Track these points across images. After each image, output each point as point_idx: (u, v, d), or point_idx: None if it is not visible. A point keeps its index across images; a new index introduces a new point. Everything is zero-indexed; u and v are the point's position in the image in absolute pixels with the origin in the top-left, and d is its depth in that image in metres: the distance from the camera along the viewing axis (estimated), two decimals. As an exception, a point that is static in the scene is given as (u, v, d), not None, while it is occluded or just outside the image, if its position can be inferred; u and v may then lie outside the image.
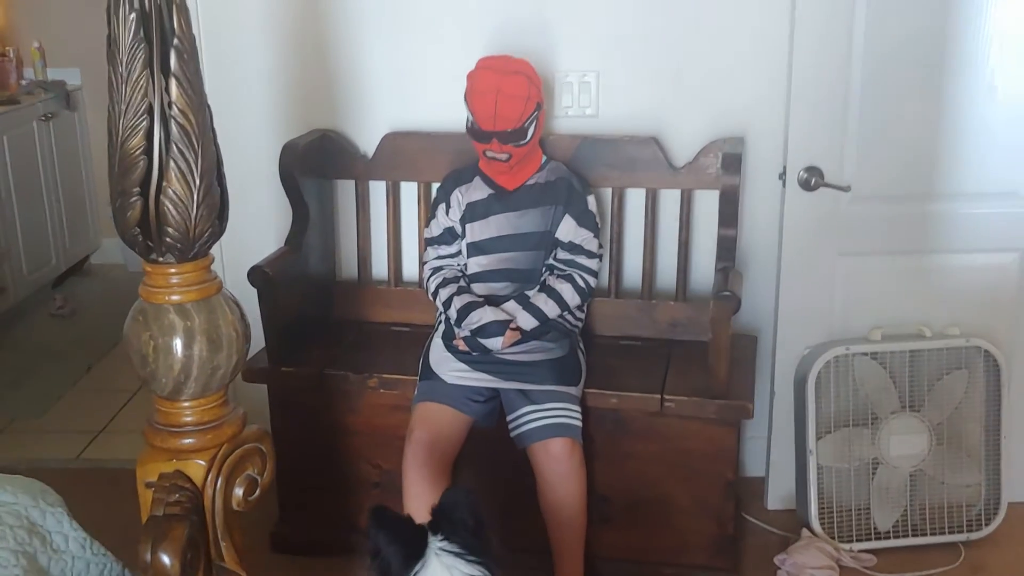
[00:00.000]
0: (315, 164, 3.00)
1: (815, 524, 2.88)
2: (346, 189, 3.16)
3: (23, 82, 5.37)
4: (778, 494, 3.11)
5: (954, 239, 2.91)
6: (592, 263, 2.72)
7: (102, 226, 5.69)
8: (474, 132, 2.60)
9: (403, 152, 3.03)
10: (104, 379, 4.31)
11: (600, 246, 2.76)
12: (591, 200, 2.75)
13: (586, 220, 2.72)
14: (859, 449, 2.89)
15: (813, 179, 2.83)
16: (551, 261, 2.72)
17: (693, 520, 2.69)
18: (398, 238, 3.13)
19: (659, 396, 2.61)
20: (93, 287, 5.51)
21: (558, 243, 2.71)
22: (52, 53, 5.43)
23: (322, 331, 3.03)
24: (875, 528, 2.91)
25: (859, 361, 2.86)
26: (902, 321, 2.92)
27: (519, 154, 2.61)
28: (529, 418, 2.55)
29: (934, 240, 2.91)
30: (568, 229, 2.69)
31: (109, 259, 5.75)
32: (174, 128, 1.53)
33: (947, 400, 2.89)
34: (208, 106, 1.59)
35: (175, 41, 1.51)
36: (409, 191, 3.10)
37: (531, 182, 2.71)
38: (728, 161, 2.75)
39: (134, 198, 1.55)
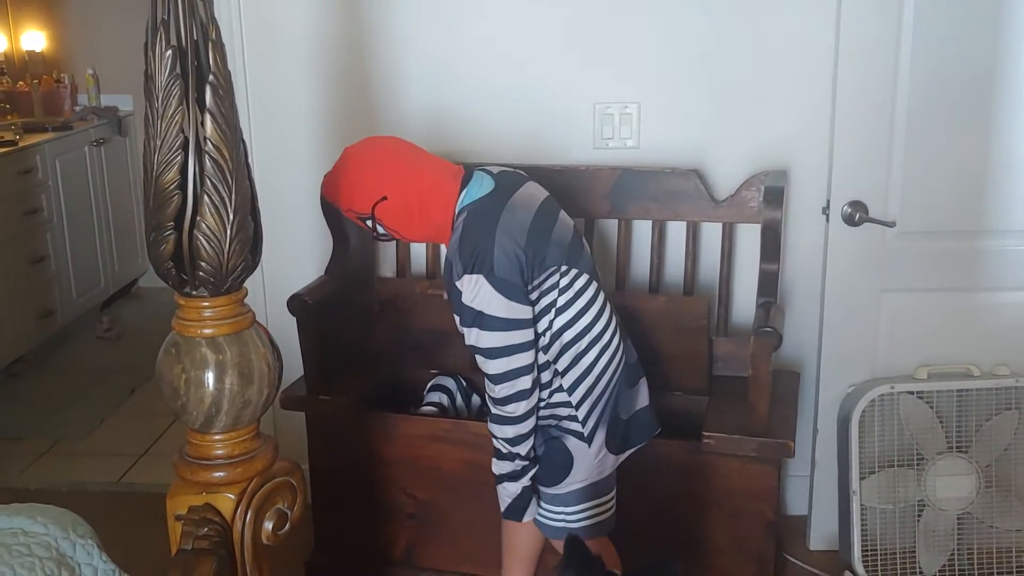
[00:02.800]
0: (356, 194, 3.00)
1: (858, 567, 2.81)
2: (387, 219, 3.17)
3: (76, 108, 5.48)
4: (820, 534, 3.05)
5: (1003, 276, 2.84)
6: (491, 374, 2.20)
7: (150, 250, 5.78)
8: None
9: (443, 182, 3.02)
10: (147, 403, 4.35)
11: (508, 349, 2.17)
12: (467, 284, 2.15)
13: (466, 317, 2.17)
14: (904, 490, 2.82)
15: (857, 214, 2.78)
16: None
17: (732, 560, 2.64)
18: (437, 268, 3.13)
19: (698, 433, 2.57)
20: (140, 310, 5.58)
21: None
22: (105, 79, 5.55)
23: (360, 360, 3.03)
24: (921, 572, 2.83)
25: (904, 400, 2.80)
26: (949, 360, 2.85)
27: (398, 235, 2.33)
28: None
29: (982, 277, 2.85)
30: (459, 326, 2.23)
31: (157, 283, 5.68)
32: (208, 163, 1.54)
33: (996, 441, 2.82)
34: (243, 141, 1.60)
35: (211, 77, 1.52)
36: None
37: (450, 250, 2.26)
38: (770, 195, 2.71)
39: (168, 232, 1.57)
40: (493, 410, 2.25)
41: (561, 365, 2.24)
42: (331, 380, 2.85)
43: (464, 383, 2.92)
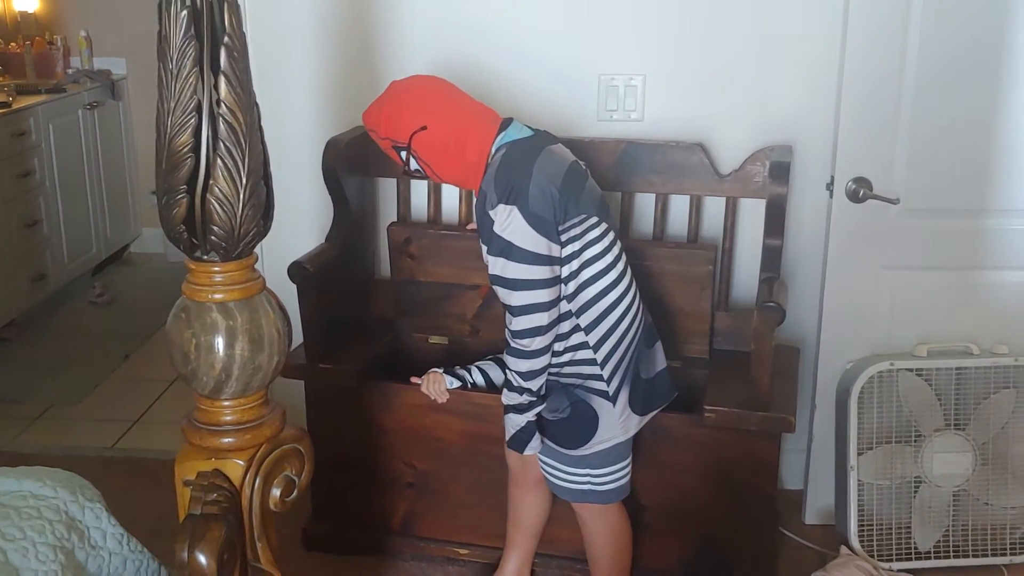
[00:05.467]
0: (358, 161, 2.99)
1: (854, 541, 2.83)
2: (388, 187, 3.15)
3: (69, 71, 5.42)
4: (816, 509, 3.07)
5: (1005, 255, 2.85)
6: (512, 306, 2.24)
7: (143, 215, 5.75)
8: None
9: (446, 152, 3.00)
10: (141, 368, 4.34)
11: (531, 283, 2.20)
12: (500, 213, 2.21)
13: (495, 245, 2.22)
14: (901, 467, 2.83)
15: (861, 190, 2.78)
16: None
17: (731, 533, 2.65)
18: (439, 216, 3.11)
19: (699, 407, 2.57)
20: (132, 276, 5.55)
21: None
22: (99, 42, 5.48)
23: (360, 329, 3.02)
24: (916, 548, 2.85)
25: (903, 377, 2.81)
26: (949, 337, 2.86)
27: (431, 172, 2.37)
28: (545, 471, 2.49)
29: (984, 256, 2.85)
30: (485, 255, 2.29)
31: (149, 248, 5.80)
32: (222, 126, 1.52)
33: (993, 419, 2.83)
34: (256, 105, 1.58)
35: (225, 39, 1.50)
36: (451, 190, 3.08)
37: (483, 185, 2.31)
38: (776, 170, 2.71)
39: (180, 195, 1.55)
40: (510, 342, 2.29)
41: (585, 321, 2.28)
42: (331, 348, 2.84)
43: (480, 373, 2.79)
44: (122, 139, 5.56)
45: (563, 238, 2.23)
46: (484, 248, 2.28)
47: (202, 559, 1.57)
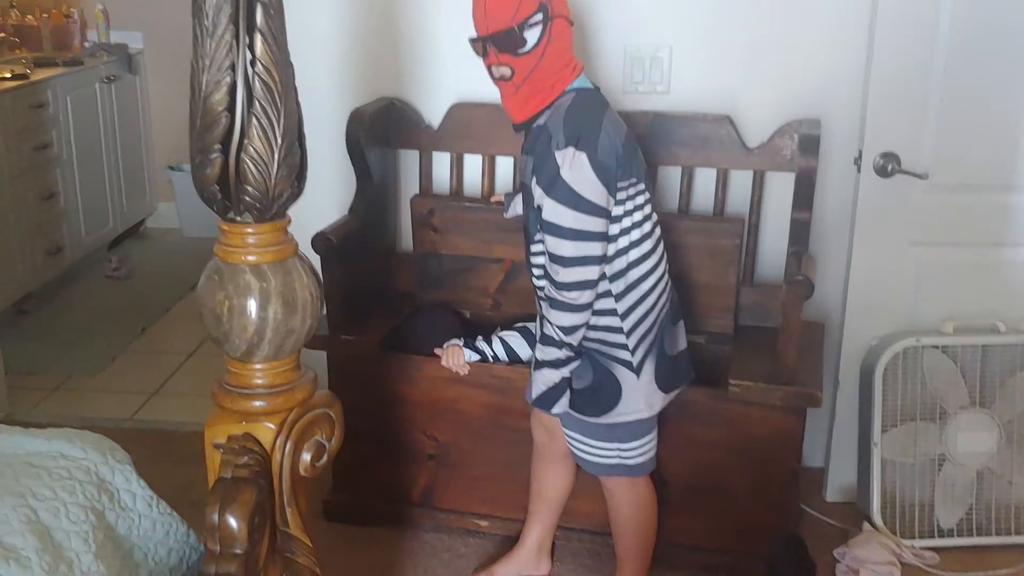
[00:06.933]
0: (380, 133, 2.97)
1: (877, 518, 2.81)
2: (410, 159, 3.13)
3: (86, 44, 5.39)
4: (837, 486, 3.05)
5: (1034, 232, 2.82)
6: (563, 256, 2.18)
7: (159, 190, 5.74)
8: (473, 44, 2.26)
9: (469, 123, 2.98)
10: (158, 341, 4.34)
11: (585, 234, 2.16)
12: (568, 156, 2.13)
13: (557, 189, 2.15)
14: (925, 444, 2.82)
15: (890, 165, 2.75)
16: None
17: (754, 508, 2.64)
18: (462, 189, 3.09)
19: (725, 381, 2.56)
20: (148, 250, 5.54)
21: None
22: (115, 16, 5.46)
23: (382, 301, 3.01)
24: (938, 526, 2.84)
25: (929, 354, 2.79)
26: (975, 314, 2.84)
27: (523, 70, 2.19)
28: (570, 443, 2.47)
29: (1013, 233, 2.83)
30: (540, 197, 2.21)
31: (164, 223, 5.78)
32: (257, 85, 1.50)
33: (1019, 398, 2.81)
34: (291, 64, 1.56)
35: (262, -5, 1.48)
36: (473, 163, 3.06)
37: (541, 121, 2.23)
38: (806, 143, 2.67)
39: (214, 155, 1.53)
40: (555, 295, 2.22)
41: (617, 289, 2.25)
42: (353, 320, 2.83)
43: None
44: (139, 113, 5.53)
45: (619, 196, 2.20)
46: (536, 187, 2.19)
47: (233, 522, 1.56)
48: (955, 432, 2.81)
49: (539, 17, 2.18)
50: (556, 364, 2.28)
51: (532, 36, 2.18)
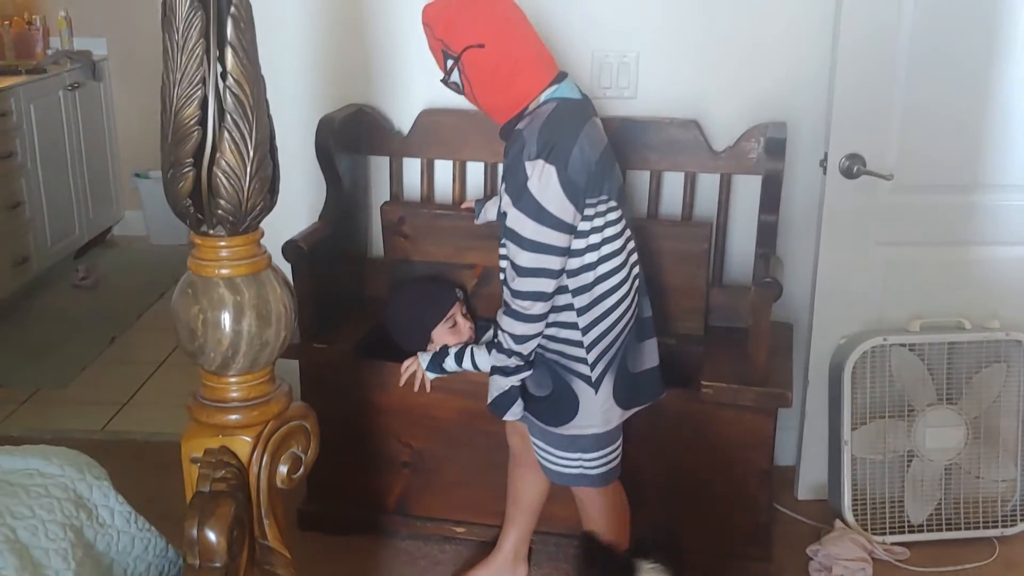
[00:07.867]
0: (350, 139, 2.97)
1: (848, 515, 2.85)
2: (380, 165, 3.13)
3: (49, 51, 5.34)
4: (809, 484, 3.09)
5: (997, 231, 2.87)
6: (519, 265, 2.18)
7: (125, 198, 5.69)
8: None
9: (439, 129, 2.99)
10: (128, 351, 4.30)
11: (544, 247, 2.15)
12: (537, 168, 2.11)
13: (522, 200, 2.14)
14: (894, 441, 2.86)
15: (855, 166, 2.79)
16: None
17: (727, 508, 2.66)
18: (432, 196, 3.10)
19: (697, 382, 2.58)
20: (116, 258, 5.49)
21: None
22: (79, 23, 5.41)
23: (354, 308, 3.01)
24: (908, 521, 2.88)
25: (896, 352, 2.83)
26: (941, 313, 2.88)
27: (471, 97, 2.26)
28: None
29: (977, 232, 2.87)
30: (506, 204, 2.20)
31: (132, 231, 5.74)
32: (229, 98, 1.50)
33: (984, 394, 2.86)
34: (262, 77, 1.56)
35: (232, 9, 1.48)
36: (444, 169, 3.07)
37: (521, 126, 2.21)
38: (772, 146, 2.71)
39: (186, 168, 1.53)
40: (510, 303, 2.23)
41: (580, 303, 2.24)
42: (326, 327, 2.83)
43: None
44: (104, 121, 5.49)
45: (586, 212, 2.18)
46: (504, 194, 2.20)
47: (212, 536, 1.56)
48: (923, 429, 2.85)
49: (450, 63, 2.21)
50: (505, 372, 2.29)
51: (456, 78, 2.23)
